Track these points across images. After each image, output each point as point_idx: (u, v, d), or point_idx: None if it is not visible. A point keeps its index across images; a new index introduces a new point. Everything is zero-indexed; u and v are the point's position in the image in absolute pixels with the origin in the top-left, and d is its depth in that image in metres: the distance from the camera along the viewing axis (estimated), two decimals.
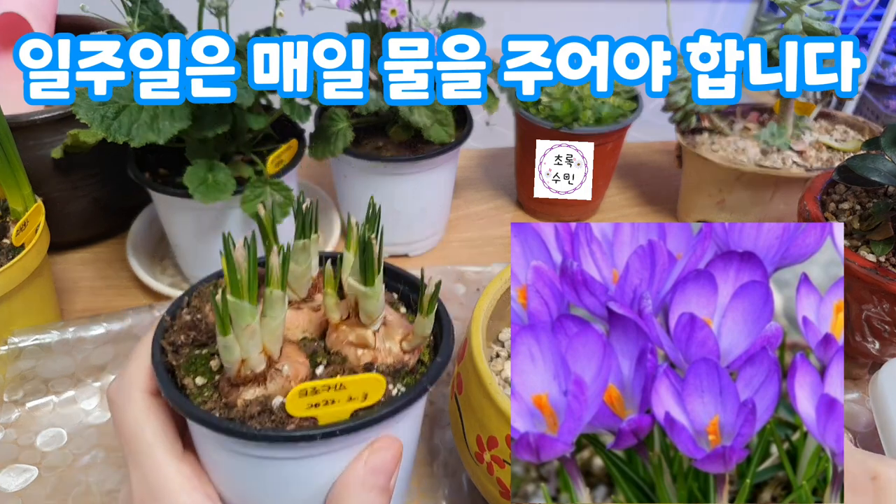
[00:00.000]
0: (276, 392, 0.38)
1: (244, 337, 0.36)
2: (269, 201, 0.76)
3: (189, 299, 0.44)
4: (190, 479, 0.40)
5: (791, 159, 0.93)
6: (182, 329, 0.42)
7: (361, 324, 0.41)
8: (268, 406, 0.37)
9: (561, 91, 0.97)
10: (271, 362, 0.38)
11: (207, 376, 0.39)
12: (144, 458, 0.40)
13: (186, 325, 0.42)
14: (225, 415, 0.37)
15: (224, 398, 0.38)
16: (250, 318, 0.36)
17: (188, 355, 0.41)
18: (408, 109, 0.84)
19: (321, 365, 0.41)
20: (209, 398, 0.38)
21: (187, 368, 0.40)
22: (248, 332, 0.36)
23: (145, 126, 0.67)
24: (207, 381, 0.39)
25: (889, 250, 0.69)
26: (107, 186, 0.91)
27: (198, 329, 0.42)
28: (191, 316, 0.43)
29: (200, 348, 0.41)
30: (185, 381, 0.39)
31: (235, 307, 0.35)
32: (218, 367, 0.40)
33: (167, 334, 0.42)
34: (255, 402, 0.37)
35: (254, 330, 0.36)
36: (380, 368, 0.41)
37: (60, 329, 0.77)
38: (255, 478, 0.39)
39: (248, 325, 0.36)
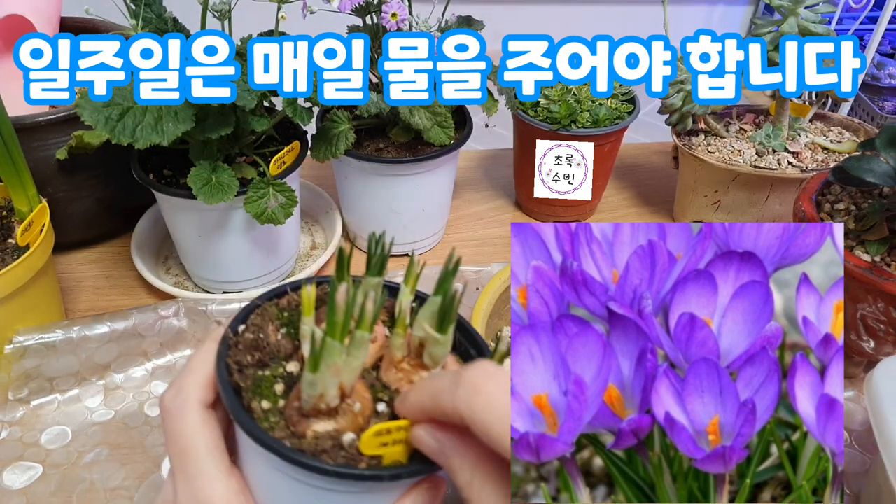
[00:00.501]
0: (347, 427, 0.38)
1: (329, 374, 0.36)
2: (272, 202, 0.77)
3: (249, 315, 0.44)
4: (237, 495, 0.40)
5: (787, 160, 0.94)
6: (246, 349, 0.42)
7: (423, 365, 0.41)
8: (339, 441, 0.37)
9: (559, 93, 0.98)
10: (344, 397, 0.39)
11: (272, 400, 0.40)
12: (195, 470, 0.40)
13: (250, 345, 0.42)
14: (296, 445, 0.37)
15: (292, 426, 0.38)
16: (338, 358, 0.36)
17: (253, 376, 0.41)
18: (408, 111, 0.84)
19: (382, 401, 0.41)
20: (276, 424, 0.38)
21: (254, 391, 0.40)
22: (333, 369, 0.36)
23: (149, 128, 0.67)
24: (272, 406, 0.39)
25: (884, 250, 0.69)
26: (111, 187, 0.91)
27: (261, 350, 0.42)
28: (253, 335, 0.42)
29: (263, 369, 0.41)
30: (251, 404, 0.39)
31: (329, 347, 0.36)
32: (282, 392, 0.40)
33: (231, 352, 0.41)
34: (326, 437, 0.37)
35: (339, 369, 0.37)
36: None
37: (65, 328, 0.77)
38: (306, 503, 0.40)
39: (335, 364, 0.36)
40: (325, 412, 0.38)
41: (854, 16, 2.79)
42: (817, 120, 1.04)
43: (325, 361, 0.36)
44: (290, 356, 0.42)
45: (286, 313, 0.45)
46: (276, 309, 0.45)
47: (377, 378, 0.43)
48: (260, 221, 0.76)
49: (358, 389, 0.40)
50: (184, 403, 0.41)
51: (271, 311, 0.44)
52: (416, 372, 0.41)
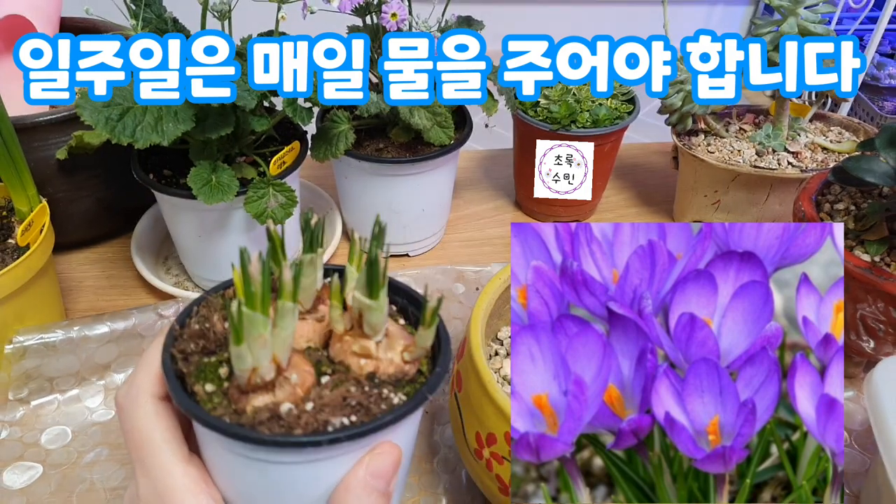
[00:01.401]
0: (285, 399, 0.39)
1: (256, 346, 0.37)
2: (272, 202, 0.77)
3: (197, 308, 0.45)
4: (196, 482, 0.41)
5: (786, 160, 0.94)
6: (191, 338, 0.42)
7: (365, 335, 0.42)
8: (276, 412, 0.38)
9: (559, 93, 0.98)
10: (280, 371, 0.39)
11: (216, 383, 0.40)
12: (152, 461, 0.41)
13: (195, 334, 0.42)
14: (235, 420, 0.38)
15: (234, 404, 0.39)
16: (262, 329, 0.36)
17: (197, 363, 0.41)
18: (408, 111, 0.84)
19: (326, 374, 0.42)
20: (219, 404, 0.39)
21: (197, 376, 0.40)
22: (259, 341, 0.37)
23: (149, 128, 0.67)
24: (217, 388, 0.40)
25: (883, 250, 0.69)
26: (111, 187, 0.91)
27: (206, 338, 0.42)
28: (199, 325, 0.43)
29: (209, 356, 0.42)
30: (195, 388, 0.40)
31: (249, 318, 0.36)
32: (227, 375, 0.41)
33: (177, 342, 0.42)
34: (264, 409, 0.38)
35: (265, 340, 0.37)
36: (381, 378, 0.42)
37: (65, 328, 0.77)
38: (261, 480, 0.40)
39: (261, 336, 0.37)
40: (262, 386, 0.39)
41: (854, 16, 2.79)
42: (817, 120, 1.04)
43: (249, 333, 0.36)
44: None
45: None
46: (222, 300, 0.45)
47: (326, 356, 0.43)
48: (260, 221, 0.76)
49: (296, 362, 0.40)
50: (136, 398, 0.41)
51: (217, 302, 0.45)
52: (356, 342, 0.42)
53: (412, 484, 0.69)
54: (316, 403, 0.39)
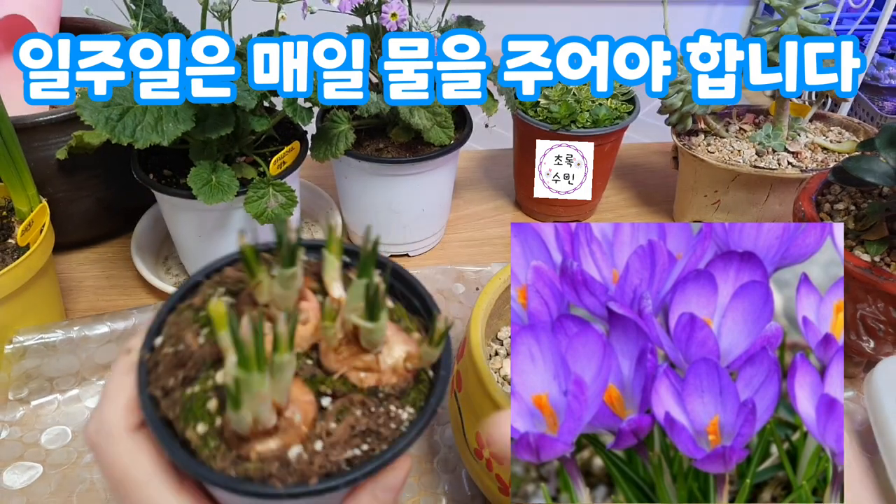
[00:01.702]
0: (291, 441, 0.36)
1: (255, 404, 0.34)
2: (272, 202, 0.77)
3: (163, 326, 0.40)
4: None
5: (786, 160, 0.94)
6: (168, 370, 0.38)
7: (363, 349, 0.39)
8: (285, 459, 0.36)
9: (559, 93, 0.98)
10: (280, 412, 0.36)
11: (208, 421, 0.37)
12: (139, 497, 0.38)
13: (171, 364, 0.38)
14: (242, 472, 0.35)
15: (234, 450, 0.36)
16: (261, 386, 0.34)
17: (182, 401, 0.37)
18: (408, 111, 0.84)
19: (325, 395, 0.39)
20: (217, 450, 0.36)
21: (185, 418, 0.37)
22: (258, 398, 0.34)
23: (149, 128, 0.67)
24: (209, 428, 0.36)
25: (883, 250, 0.69)
26: (111, 187, 0.91)
27: (184, 364, 0.38)
28: (172, 348, 0.39)
29: (191, 385, 0.38)
30: (186, 434, 0.36)
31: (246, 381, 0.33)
32: (217, 409, 0.37)
33: (152, 376, 0.38)
34: (270, 457, 0.35)
35: (265, 396, 0.34)
36: (385, 391, 0.40)
37: (65, 328, 0.77)
38: None
39: (259, 393, 0.34)
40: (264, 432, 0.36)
41: (854, 16, 2.79)
42: (817, 120, 1.04)
43: (248, 394, 0.33)
44: (216, 362, 0.38)
45: (202, 313, 0.41)
46: (190, 311, 0.41)
47: (317, 365, 0.40)
48: (260, 221, 0.76)
49: (296, 395, 0.37)
50: (108, 435, 0.38)
51: (187, 316, 0.40)
52: (358, 357, 0.39)
53: (412, 484, 0.69)
54: (325, 442, 0.36)
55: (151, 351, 0.39)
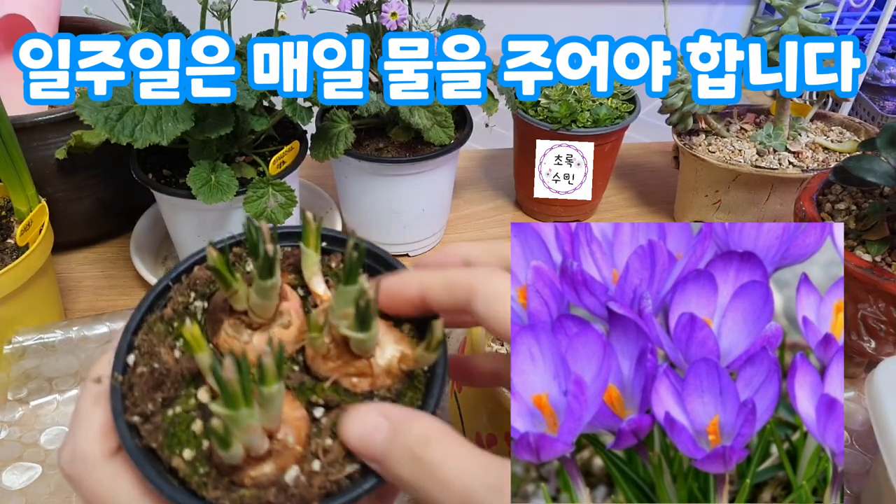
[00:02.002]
0: (287, 464, 0.34)
1: (245, 437, 0.32)
2: (271, 202, 0.77)
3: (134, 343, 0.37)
4: None
5: (787, 160, 0.94)
6: (145, 393, 0.35)
7: (354, 355, 0.37)
8: (282, 483, 0.33)
9: (559, 92, 0.98)
10: (272, 435, 0.34)
11: (194, 445, 0.34)
12: None
13: (148, 385, 0.36)
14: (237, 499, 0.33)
15: (227, 476, 0.34)
16: (250, 420, 0.32)
17: (164, 426, 0.35)
18: (408, 111, 0.84)
19: (317, 406, 0.37)
20: (208, 476, 0.33)
21: (170, 444, 0.34)
22: (248, 431, 0.32)
23: (149, 127, 0.67)
24: (197, 451, 0.34)
25: (885, 250, 0.69)
26: (110, 187, 0.91)
27: (162, 385, 0.36)
28: (147, 367, 0.36)
29: (172, 406, 0.35)
30: (172, 463, 0.34)
31: (233, 420, 0.31)
32: (202, 431, 0.35)
33: (128, 402, 0.35)
34: (266, 482, 0.33)
35: (255, 428, 0.32)
36: (379, 394, 0.38)
37: (64, 328, 0.77)
38: None
39: (249, 426, 0.32)
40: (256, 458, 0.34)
41: (855, 15, 2.79)
42: (818, 120, 1.04)
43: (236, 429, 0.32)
44: (196, 378, 0.37)
45: (176, 323, 0.38)
46: (161, 324, 0.38)
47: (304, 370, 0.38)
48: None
49: (286, 414, 0.35)
50: (83, 466, 0.36)
51: (159, 329, 0.38)
52: (351, 364, 0.37)
53: None
54: (322, 460, 0.34)
55: (124, 373, 0.36)
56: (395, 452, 0.33)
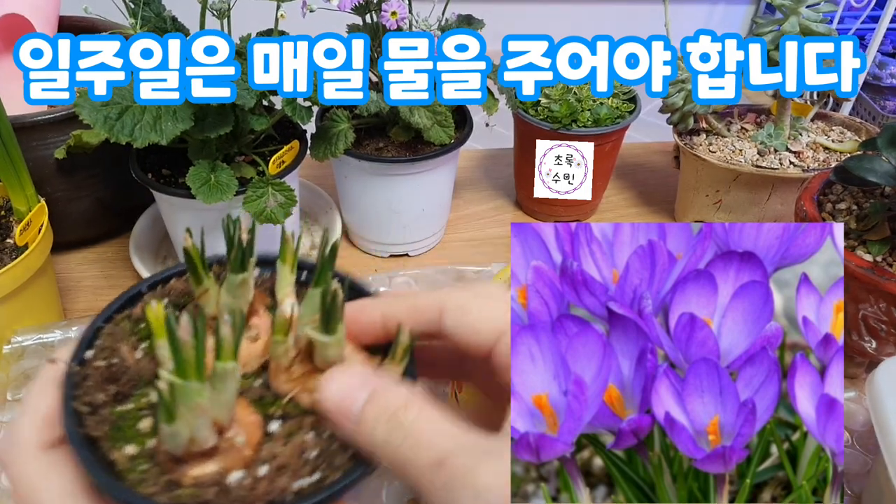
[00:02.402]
0: (233, 465, 0.32)
1: (192, 417, 0.31)
2: (271, 201, 0.77)
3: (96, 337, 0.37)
4: None
5: (788, 160, 0.94)
6: (98, 383, 0.34)
7: (317, 368, 0.36)
8: (224, 484, 0.32)
9: (560, 92, 0.98)
10: (222, 432, 0.33)
11: (139, 442, 0.33)
12: None
13: (103, 377, 0.35)
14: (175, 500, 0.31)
15: (167, 474, 0.32)
16: (200, 397, 0.30)
17: (111, 419, 0.33)
18: (408, 110, 0.84)
19: (274, 418, 0.35)
20: (146, 473, 0.32)
21: (114, 437, 0.33)
22: (196, 411, 0.30)
23: (148, 127, 0.67)
24: (140, 450, 0.33)
25: (885, 250, 0.69)
26: (109, 186, 0.91)
27: (116, 379, 0.35)
28: (105, 361, 0.35)
29: (123, 402, 0.34)
30: (113, 456, 0.32)
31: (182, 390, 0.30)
32: (150, 429, 0.33)
33: (79, 391, 0.34)
34: (208, 482, 0.32)
35: (204, 408, 0.31)
36: None
37: (63, 328, 0.77)
38: None
39: (198, 405, 0.30)
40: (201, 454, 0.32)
41: (855, 15, 2.79)
42: (819, 119, 1.04)
43: (184, 405, 0.30)
44: (153, 380, 0.35)
45: (143, 325, 0.37)
46: (128, 323, 0.37)
47: (265, 387, 0.36)
48: (259, 221, 0.76)
49: (240, 416, 0.34)
50: (19, 453, 0.34)
51: (124, 327, 0.37)
52: (310, 378, 0.36)
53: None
54: (270, 465, 0.33)
55: (81, 364, 0.35)
56: (372, 413, 0.33)
